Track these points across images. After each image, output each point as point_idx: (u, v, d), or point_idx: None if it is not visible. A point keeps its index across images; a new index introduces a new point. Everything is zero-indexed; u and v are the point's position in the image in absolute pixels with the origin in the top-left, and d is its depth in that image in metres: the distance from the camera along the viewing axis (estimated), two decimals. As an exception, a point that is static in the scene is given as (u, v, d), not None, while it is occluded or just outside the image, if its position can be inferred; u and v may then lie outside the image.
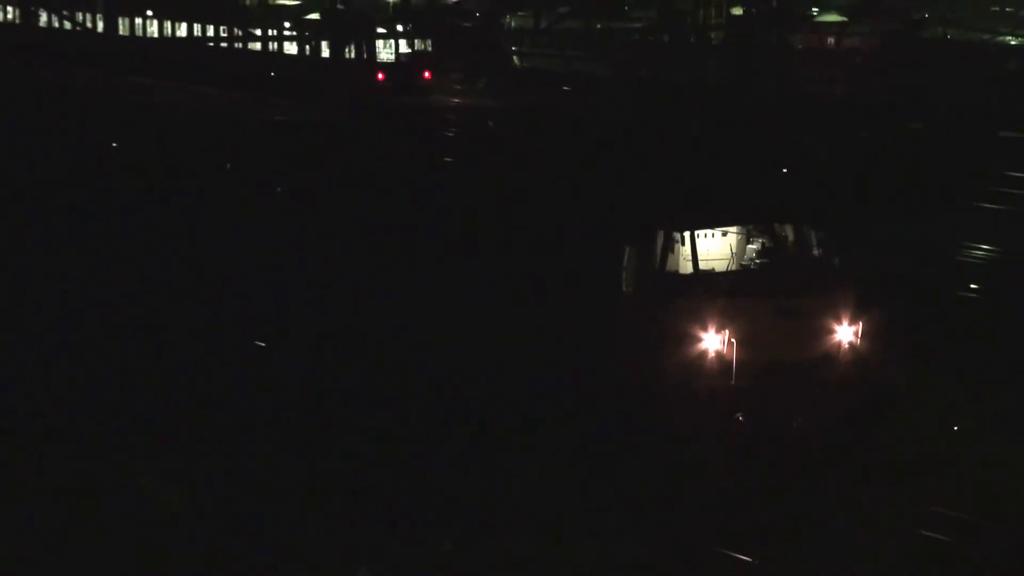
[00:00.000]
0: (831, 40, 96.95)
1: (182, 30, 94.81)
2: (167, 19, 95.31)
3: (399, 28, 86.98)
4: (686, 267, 27.79)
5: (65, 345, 32.81)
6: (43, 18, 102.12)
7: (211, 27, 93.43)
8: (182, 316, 35.26)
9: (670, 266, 27.88)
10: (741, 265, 28.32)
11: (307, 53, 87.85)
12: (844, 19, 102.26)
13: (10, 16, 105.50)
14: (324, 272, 36.53)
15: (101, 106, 74.37)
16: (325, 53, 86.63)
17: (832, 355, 26.97)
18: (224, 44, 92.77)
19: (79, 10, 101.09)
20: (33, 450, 26.15)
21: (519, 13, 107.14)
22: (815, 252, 28.35)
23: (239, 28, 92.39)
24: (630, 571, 22.77)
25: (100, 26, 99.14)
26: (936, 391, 30.32)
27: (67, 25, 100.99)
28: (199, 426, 27.95)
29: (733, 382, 26.38)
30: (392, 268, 34.83)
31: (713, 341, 26.56)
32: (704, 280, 27.42)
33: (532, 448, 26.99)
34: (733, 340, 26.43)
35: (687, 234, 27.78)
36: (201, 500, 24.23)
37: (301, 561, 22.53)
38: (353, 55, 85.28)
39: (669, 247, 27.88)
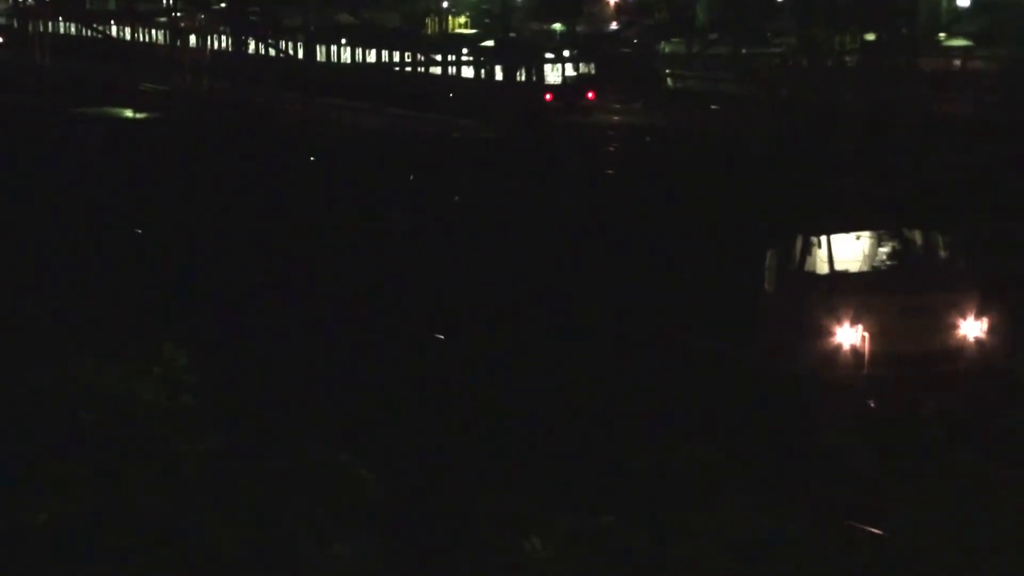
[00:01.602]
0: (957, 63, 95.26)
1: (371, 56, 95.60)
2: (358, 47, 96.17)
3: (565, 53, 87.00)
4: (823, 268, 27.50)
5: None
6: (251, 46, 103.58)
7: (397, 54, 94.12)
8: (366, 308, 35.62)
9: (808, 267, 27.62)
10: (873, 266, 27.98)
11: (482, 76, 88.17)
12: (970, 43, 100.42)
13: (223, 45, 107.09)
14: (492, 272, 36.61)
15: (302, 124, 75.26)
16: (498, 76, 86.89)
17: (958, 348, 26.57)
18: (408, 69, 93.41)
19: (282, 39, 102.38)
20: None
21: (673, 40, 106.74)
22: (942, 253, 27.94)
23: (422, 54, 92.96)
24: (767, 545, 22.50)
25: (300, 53, 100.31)
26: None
27: (271, 52, 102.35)
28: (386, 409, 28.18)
29: (866, 371, 26.07)
30: (555, 268, 34.79)
31: (848, 335, 26.28)
32: (839, 279, 27.15)
33: (681, 426, 26.83)
34: (866, 334, 26.13)
35: (824, 237, 27.53)
36: (393, 479, 24.34)
37: (476, 532, 22.52)
38: (524, 78, 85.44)
39: (807, 250, 27.62)
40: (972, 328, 26.53)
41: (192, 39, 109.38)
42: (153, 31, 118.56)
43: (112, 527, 17.65)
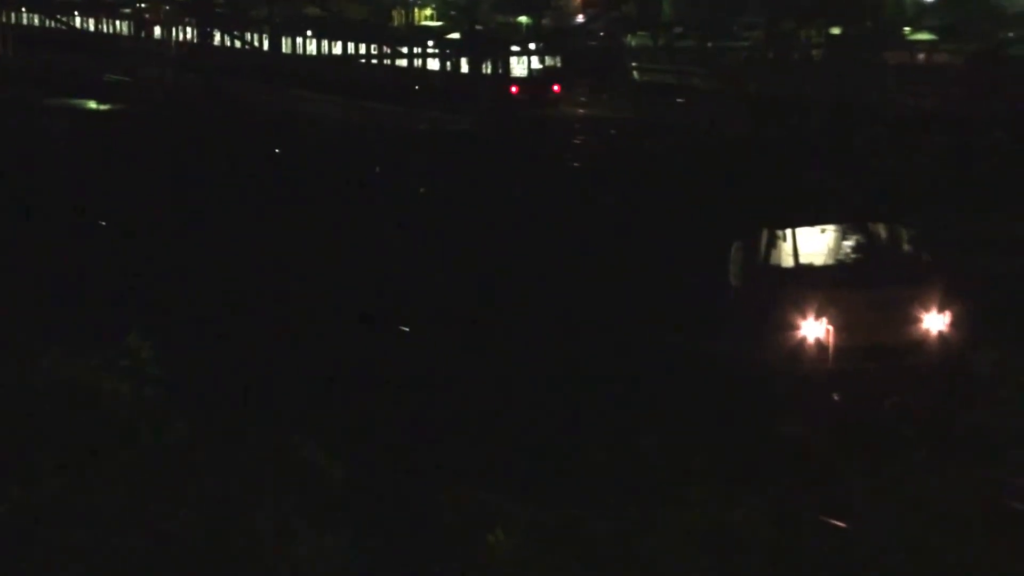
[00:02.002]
0: (921, 57, 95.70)
1: (337, 48, 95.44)
2: (324, 39, 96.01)
3: (531, 46, 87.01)
4: (788, 261, 27.60)
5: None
6: (217, 38, 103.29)
7: (363, 45, 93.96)
8: (329, 303, 35.59)
9: (773, 260, 27.71)
10: (838, 260, 28.10)
11: (448, 69, 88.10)
12: (935, 38, 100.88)
13: (189, 36, 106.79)
14: (458, 264, 36.63)
15: (268, 116, 75.10)
16: (464, 69, 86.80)
17: (922, 341, 26.72)
18: (374, 61, 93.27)
19: (248, 31, 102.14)
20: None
21: (639, 33, 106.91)
22: (906, 247, 28.07)
23: (388, 47, 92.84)
24: (735, 535, 22.57)
25: (266, 45, 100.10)
26: (1018, 376, 29.82)
27: (237, 44, 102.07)
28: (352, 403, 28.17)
29: (830, 365, 26.19)
30: (521, 261, 34.82)
31: (813, 328, 26.39)
32: (804, 273, 27.26)
33: (646, 420, 26.92)
34: (830, 327, 26.24)
35: (789, 231, 27.63)
36: (351, 468, 24.31)
37: (439, 524, 22.55)
38: (489, 71, 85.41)
39: (773, 243, 27.73)
40: (935, 322, 26.67)
41: (157, 30, 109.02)
42: (117, 22, 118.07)
43: (74, 518, 17.63)
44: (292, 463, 19.57)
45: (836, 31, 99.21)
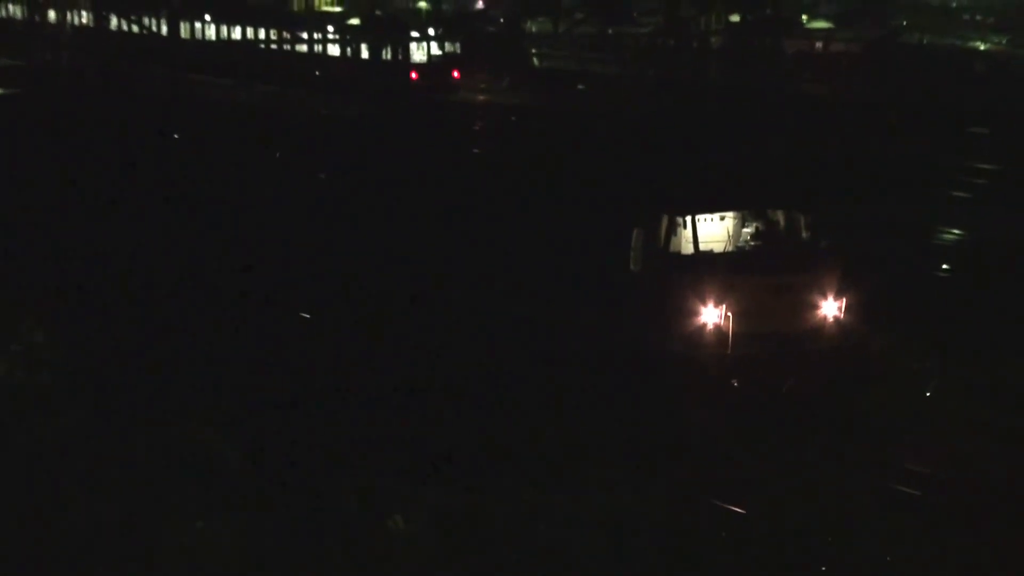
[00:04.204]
0: (819, 45, 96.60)
1: (236, 33, 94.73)
2: (223, 23, 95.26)
3: (430, 32, 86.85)
4: (688, 248, 27.77)
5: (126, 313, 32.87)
6: (113, 22, 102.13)
7: (262, 30, 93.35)
8: (235, 287, 35.36)
9: (673, 247, 27.87)
10: (737, 246, 28.30)
11: (348, 55, 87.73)
12: (831, 26, 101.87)
13: (84, 20, 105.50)
14: (357, 249, 36.53)
15: (166, 101, 74.44)
16: (364, 55, 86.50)
17: (819, 326, 26.98)
18: (274, 46, 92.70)
19: (146, 15, 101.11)
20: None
21: (539, 19, 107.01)
22: (804, 234, 28.32)
23: (287, 31, 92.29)
24: (631, 519, 22.74)
25: (164, 29, 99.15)
26: (911, 361, 30.23)
27: (135, 28, 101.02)
28: (250, 387, 28.01)
29: (729, 351, 26.38)
30: (422, 247, 34.81)
31: (712, 315, 26.57)
32: (704, 260, 27.43)
33: (547, 405, 27.03)
34: (730, 314, 26.43)
35: (689, 218, 27.79)
36: (253, 453, 24.23)
37: (338, 509, 22.52)
38: (389, 57, 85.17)
39: (673, 230, 27.90)
40: (831, 307, 26.93)
41: (51, 14, 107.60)
42: (10, 5, 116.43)
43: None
44: (190, 450, 19.47)
45: (735, 18, 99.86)
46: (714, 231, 28.37)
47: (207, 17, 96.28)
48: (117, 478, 20.10)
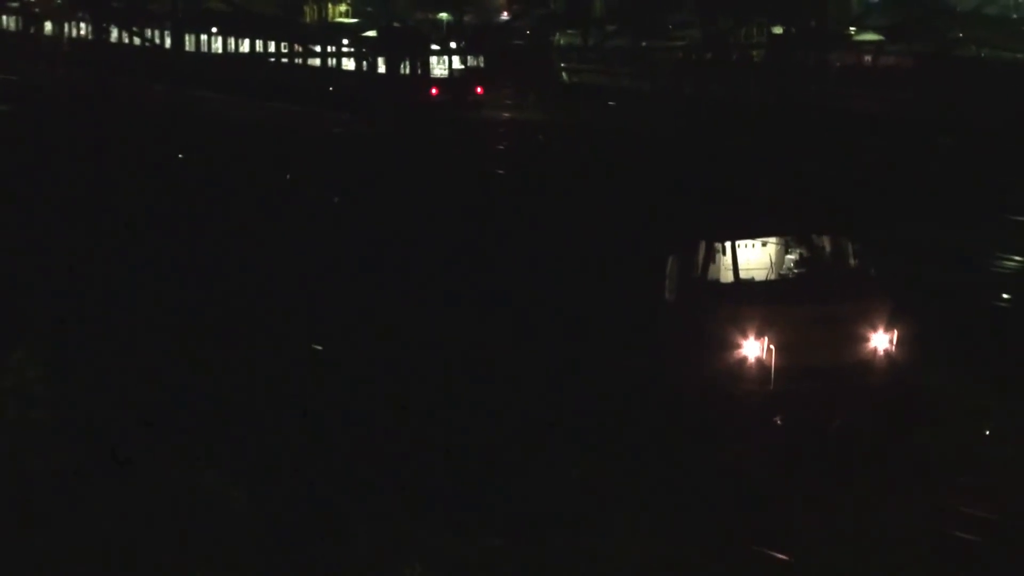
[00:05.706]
0: (868, 58, 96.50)
1: (244, 46, 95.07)
2: (230, 36, 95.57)
3: (452, 45, 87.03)
4: (727, 276, 27.65)
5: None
6: (114, 34, 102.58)
7: (272, 44, 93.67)
8: (241, 318, 35.40)
9: (711, 275, 27.76)
10: (780, 274, 28.18)
11: (364, 69, 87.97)
12: (881, 38, 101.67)
13: (83, 32, 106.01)
14: (378, 276, 36.53)
15: (169, 119, 74.63)
16: (381, 69, 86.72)
17: (868, 360, 26.85)
18: (285, 60, 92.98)
19: (148, 27, 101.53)
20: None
21: (568, 31, 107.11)
22: (851, 261, 28.18)
23: (299, 45, 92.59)
24: (668, 569, 22.63)
25: (168, 43, 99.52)
26: (968, 396, 30.10)
27: (136, 41, 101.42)
28: (258, 428, 28.00)
29: (772, 387, 26.26)
30: (443, 274, 34.77)
31: (753, 347, 26.46)
32: (744, 288, 27.32)
33: (575, 447, 26.95)
34: (772, 346, 26.31)
35: (728, 244, 27.66)
36: (262, 498, 24.16)
37: (356, 556, 22.47)
38: (408, 71, 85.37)
39: (711, 257, 27.77)
40: (882, 340, 26.81)
41: (48, 25, 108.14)
42: (4, 17, 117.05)
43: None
44: (192, 492, 19.43)
45: (778, 30, 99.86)
46: (755, 258, 28.23)
47: (213, 29, 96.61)
48: (110, 527, 20.08)
